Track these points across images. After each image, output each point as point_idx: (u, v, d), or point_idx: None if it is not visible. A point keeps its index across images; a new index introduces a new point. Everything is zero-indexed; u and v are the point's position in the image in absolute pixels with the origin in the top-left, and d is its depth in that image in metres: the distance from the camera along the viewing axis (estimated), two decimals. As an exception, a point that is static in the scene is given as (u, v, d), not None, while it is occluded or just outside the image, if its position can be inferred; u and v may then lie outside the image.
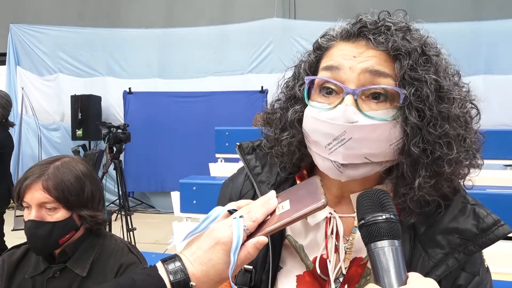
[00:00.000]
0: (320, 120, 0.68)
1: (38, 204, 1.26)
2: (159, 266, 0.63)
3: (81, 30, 6.86)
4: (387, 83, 0.66)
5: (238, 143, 0.87)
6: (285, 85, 0.80)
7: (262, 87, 6.06)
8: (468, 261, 0.69)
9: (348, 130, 0.65)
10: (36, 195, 1.25)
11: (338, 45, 0.71)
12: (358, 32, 0.69)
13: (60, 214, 1.28)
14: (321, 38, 0.75)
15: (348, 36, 0.70)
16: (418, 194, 0.67)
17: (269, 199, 0.67)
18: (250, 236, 0.63)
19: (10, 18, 7.02)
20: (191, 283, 0.61)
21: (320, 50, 0.74)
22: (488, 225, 0.68)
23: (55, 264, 1.33)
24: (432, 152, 0.65)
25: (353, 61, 0.67)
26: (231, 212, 0.67)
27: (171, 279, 0.61)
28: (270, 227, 0.64)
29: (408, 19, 0.70)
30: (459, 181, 0.72)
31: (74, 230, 1.31)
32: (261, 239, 0.62)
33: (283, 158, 0.78)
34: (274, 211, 0.66)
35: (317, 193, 0.65)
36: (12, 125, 3.31)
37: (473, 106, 0.72)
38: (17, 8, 7.23)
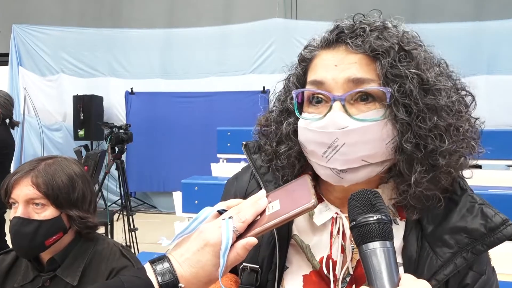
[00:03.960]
0: (311, 130, 0.69)
1: (25, 200, 1.20)
2: (148, 267, 0.62)
3: (83, 30, 6.88)
4: (369, 86, 0.66)
5: (244, 142, 0.87)
6: (277, 98, 0.81)
7: (263, 87, 6.06)
8: (475, 260, 0.69)
9: (340, 136, 0.65)
10: (24, 190, 1.20)
11: (320, 54, 0.72)
12: (336, 38, 0.70)
13: (48, 213, 1.22)
14: (304, 50, 0.76)
15: (328, 44, 0.71)
16: (416, 190, 0.67)
17: (259, 199, 0.67)
18: (239, 236, 0.63)
19: (13, 19, 7.04)
20: (180, 284, 0.61)
21: (304, 62, 0.75)
22: (496, 224, 0.68)
23: (44, 272, 1.27)
24: (424, 146, 0.66)
25: (335, 71, 0.68)
26: (220, 212, 0.67)
27: (159, 281, 0.60)
28: (259, 227, 0.63)
29: (383, 18, 0.71)
30: (460, 172, 0.72)
31: (62, 231, 1.25)
32: (250, 240, 0.62)
33: (284, 171, 0.78)
34: (264, 211, 0.65)
35: (307, 193, 0.64)
36: (17, 124, 3.32)
37: (467, 93, 0.72)
38: (20, 9, 7.25)
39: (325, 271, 0.72)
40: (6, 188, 1.23)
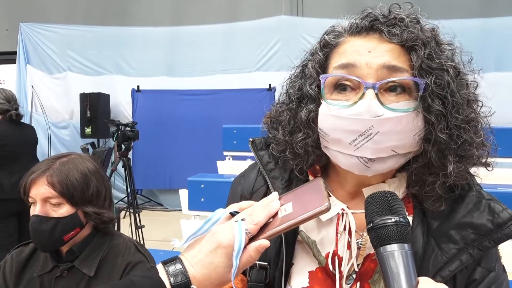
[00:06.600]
0: (341, 117, 0.67)
1: (42, 199, 1.26)
2: (160, 268, 0.62)
3: (90, 28, 6.90)
4: (403, 77, 0.66)
5: (251, 139, 0.86)
6: (291, 85, 0.79)
7: (269, 85, 6.06)
8: (484, 256, 0.68)
9: (375, 124, 0.64)
10: (40, 189, 1.25)
11: (349, 40, 0.70)
12: (370, 26, 0.68)
13: (65, 210, 1.27)
14: (327, 35, 0.73)
15: (359, 30, 0.69)
16: (451, 179, 0.66)
17: (272, 201, 0.66)
18: (252, 238, 0.63)
19: (20, 17, 7.09)
20: (192, 286, 0.61)
21: (327, 47, 0.73)
22: (504, 220, 0.66)
23: (62, 263, 1.33)
24: (458, 136, 0.65)
25: (369, 57, 0.66)
26: (233, 214, 0.66)
27: (172, 282, 0.60)
28: (272, 230, 0.63)
29: (419, 11, 0.70)
30: (484, 166, 0.72)
31: (79, 227, 1.31)
32: (263, 242, 0.62)
33: (298, 160, 0.76)
34: (276, 213, 0.65)
35: (321, 196, 0.64)
36: (17, 117, 3.11)
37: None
38: (27, 7, 7.29)
39: (331, 267, 0.72)
40: (24, 187, 1.28)
